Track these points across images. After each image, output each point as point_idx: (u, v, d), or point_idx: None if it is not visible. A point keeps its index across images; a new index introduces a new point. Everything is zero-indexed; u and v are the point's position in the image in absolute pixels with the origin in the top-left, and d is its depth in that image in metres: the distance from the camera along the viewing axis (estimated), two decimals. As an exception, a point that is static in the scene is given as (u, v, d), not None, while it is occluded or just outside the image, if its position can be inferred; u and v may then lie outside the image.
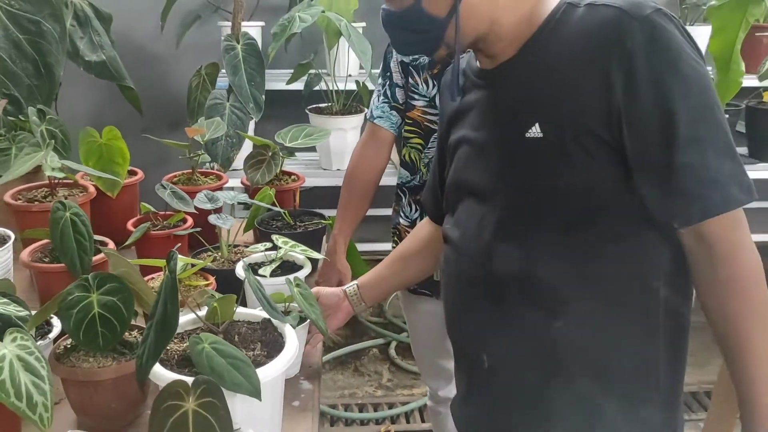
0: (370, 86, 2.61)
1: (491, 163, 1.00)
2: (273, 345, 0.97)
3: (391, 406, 2.48)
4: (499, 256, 0.98)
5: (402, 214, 1.65)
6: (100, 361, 1.07)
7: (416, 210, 1.62)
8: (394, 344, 2.83)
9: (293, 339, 0.98)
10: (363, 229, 1.83)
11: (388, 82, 1.62)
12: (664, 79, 0.84)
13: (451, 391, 1.82)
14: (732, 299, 0.87)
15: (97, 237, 1.41)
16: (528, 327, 0.97)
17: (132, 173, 1.82)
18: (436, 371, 1.81)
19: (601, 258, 0.92)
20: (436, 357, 1.79)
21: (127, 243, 1.49)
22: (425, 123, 1.58)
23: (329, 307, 1.31)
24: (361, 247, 1.83)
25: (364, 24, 2.83)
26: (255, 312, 1.05)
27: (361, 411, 2.46)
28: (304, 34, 2.73)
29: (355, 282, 1.33)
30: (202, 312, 1.02)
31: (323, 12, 2.39)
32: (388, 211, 1.75)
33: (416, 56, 1.56)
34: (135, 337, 1.10)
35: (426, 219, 1.32)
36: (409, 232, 1.65)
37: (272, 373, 0.89)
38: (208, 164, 2.61)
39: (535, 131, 0.92)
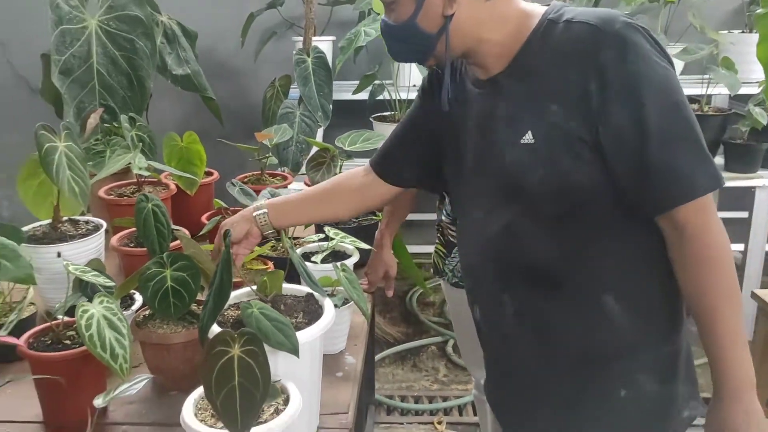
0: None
1: (493, 164, 1.11)
2: (313, 314, 1.12)
3: (445, 399, 2.59)
4: (502, 247, 1.11)
5: (444, 212, 1.78)
6: (172, 329, 1.26)
7: None
8: (451, 342, 2.94)
9: (331, 310, 1.13)
10: (409, 234, 1.97)
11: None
12: (633, 84, 0.95)
13: None
14: (701, 275, 0.97)
15: (174, 226, 1.62)
16: (528, 307, 1.12)
17: (208, 174, 2.04)
18: (477, 360, 1.92)
19: (591, 244, 1.04)
20: (476, 346, 1.90)
21: (201, 233, 1.69)
22: None
23: (239, 239, 1.31)
24: (408, 249, 1.96)
25: (428, 37, 2.98)
26: (300, 287, 1.21)
27: (416, 402, 2.59)
28: (370, 47, 2.90)
29: (264, 206, 1.35)
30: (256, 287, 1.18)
31: (387, 26, 2.56)
32: (434, 216, 1.89)
33: None
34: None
35: (361, 170, 1.41)
36: (451, 228, 1.78)
37: (310, 336, 1.05)
38: (280, 169, 2.82)
39: (528, 138, 1.03)
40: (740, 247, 3.00)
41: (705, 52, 2.74)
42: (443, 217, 1.79)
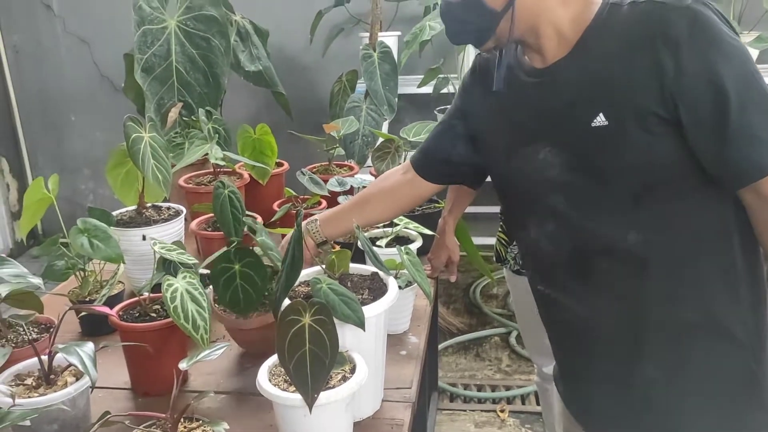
0: (496, 88, 2.78)
1: (555, 154, 1.09)
2: (378, 291, 1.19)
3: (508, 388, 2.62)
4: (579, 236, 1.11)
5: None
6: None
7: None
8: (515, 333, 2.96)
9: (394, 288, 1.19)
10: (472, 226, 2.01)
11: None
12: (708, 56, 0.94)
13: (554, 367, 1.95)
14: None
15: (249, 212, 1.71)
16: (615, 294, 1.11)
17: (279, 164, 2.13)
18: (540, 348, 1.94)
19: (670, 220, 1.04)
20: (540, 334, 1.92)
21: (273, 219, 1.78)
22: None
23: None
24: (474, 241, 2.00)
25: (493, 30, 3.00)
26: (366, 267, 1.28)
27: (479, 391, 2.62)
28: (435, 41, 2.95)
29: (316, 217, 1.44)
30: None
31: (451, 20, 2.60)
32: (496, 209, 1.92)
33: None
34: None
35: (398, 169, 1.45)
36: None
37: (375, 310, 1.11)
38: (347, 161, 2.91)
39: (600, 120, 1.02)
40: None
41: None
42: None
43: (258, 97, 3.41)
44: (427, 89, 2.93)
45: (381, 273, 1.25)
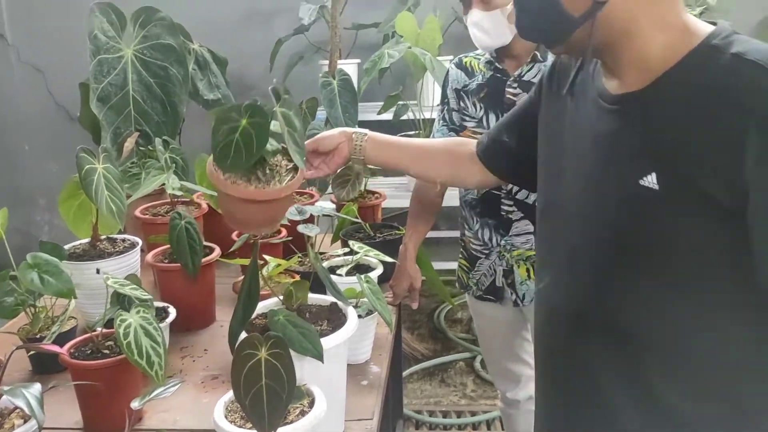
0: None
1: (600, 197, 0.96)
2: (337, 322, 1.17)
3: (473, 414, 2.61)
4: (587, 296, 0.99)
5: (466, 226, 1.82)
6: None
7: (477, 222, 1.79)
8: (479, 358, 2.96)
9: (354, 318, 1.18)
10: (433, 251, 2.02)
11: (446, 107, 1.83)
12: None
13: (518, 393, 1.95)
14: None
15: (207, 243, 1.69)
16: (611, 368, 0.97)
17: (238, 193, 2.11)
18: (504, 374, 1.95)
19: (693, 316, 0.90)
20: (503, 360, 1.93)
21: (231, 249, 1.76)
22: None
23: (328, 153, 1.31)
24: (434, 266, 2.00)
25: (451, 57, 3.04)
26: (325, 297, 1.27)
27: (444, 417, 2.61)
28: (393, 68, 2.97)
29: (366, 132, 1.32)
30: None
31: (409, 48, 2.63)
32: (456, 233, 1.94)
33: (467, 82, 1.77)
34: (277, 163, 1.13)
35: (471, 142, 1.36)
36: (473, 243, 1.82)
37: (334, 342, 1.10)
38: (308, 188, 2.89)
39: (651, 181, 0.87)
40: None
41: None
42: (466, 232, 1.83)
43: (218, 125, 3.38)
44: (387, 116, 2.94)
45: (340, 303, 1.23)
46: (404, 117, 2.92)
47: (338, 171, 1.33)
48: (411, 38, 2.74)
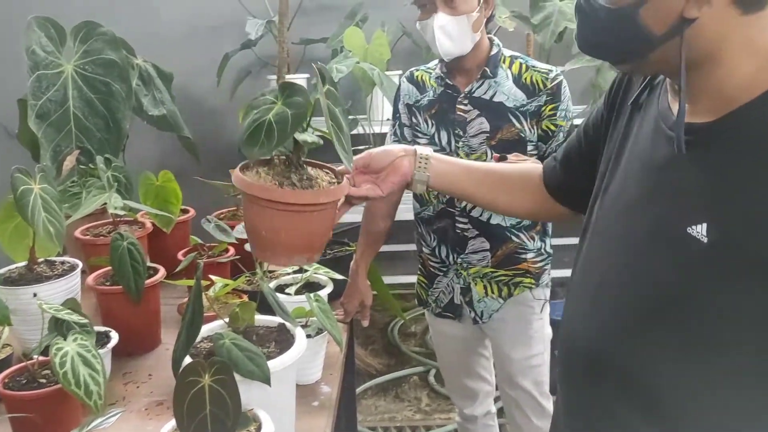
0: (405, 128, 2.81)
1: (634, 232, 0.85)
2: (285, 344, 1.15)
3: (428, 429, 2.60)
4: (605, 334, 0.88)
5: (423, 243, 1.82)
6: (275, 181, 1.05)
7: (434, 239, 1.78)
8: (433, 372, 2.96)
9: (302, 339, 1.15)
10: (389, 265, 2.01)
11: (397, 122, 1.81)
12: None
13: (475, 409, 1.93)
14: None
15: (151, 264, 1.64)
16: (628, 408, 0.86)
17: (184, 211, 2.07)
18: (462, 390, 1.94)
19: (725, 389, 0.79)
20: (461, 377, 1.92)
21: (176, 270, 1.71)
22: None
23: (381, 170, 1.14)
24: (389, 280, 2.00)
25: (400, 71, 3.05)
26: (272, 318, 1.24)
27: (399, 433, 2.59)
28: (342, 83, 2.96)
29: (428, 154, 1.15)
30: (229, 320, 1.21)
31: (358, 63, 2.63)
32: (412, 247, 1.93)
33: (418, 98, 1.76)
34: (316, 175, 1.08)
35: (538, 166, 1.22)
36: (432, 260, 1.80)
37: (281, 364, 1.07)
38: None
39: (700, 232, 0.76)
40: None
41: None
42: (423, 249, 1.82)
43: (164, 142, 3.32)
44: (337, 131, 2.94)
45: (288, 323, 1.21)
46: (354, 131, 2.91)
47: (388, 193, 1.15)
48: (359, 53, 2.73)
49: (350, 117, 2.91)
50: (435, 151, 1.67)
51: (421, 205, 1.79)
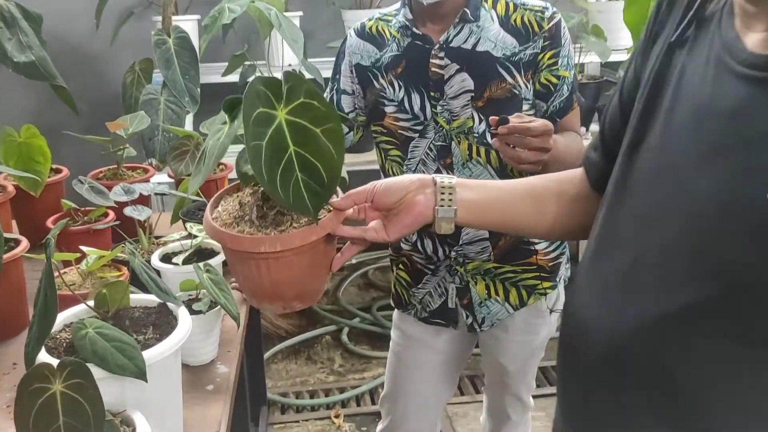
0: (308, 75, 2.61)
1: (689, 197, 0.68)
2: (165, 327, 0.98)
3: (342, 390, 2.50)
4: (633, 326, 0.72)
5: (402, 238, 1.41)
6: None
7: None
8: (346, 330, 2.85)
9: (186, 320, 0.98)
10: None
11: (335, 87, 1.50)
12: None
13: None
14: None
15: (9, 235, 1.41)
16: (652, 417, 0.72)
17: (57, 171, 1.81)
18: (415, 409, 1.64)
19: None
20: (416, 398, 1.63)
21: (43, 241, 1.49)
22: (399, 131, 1.40)
23: (390, 207, 0.91)
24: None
25: (300, 13, 2.83)
26: (151, 297, 1.06)
27: (312, 397, 2.48)
28: (239, 25, 2.72)
29: (453, 183, 0.90)
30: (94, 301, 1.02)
31: (253, 2, 2.39)
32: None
33: (377, 56, 1.42)
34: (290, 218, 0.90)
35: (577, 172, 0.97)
36: (415, 256, 1.49)
37: (158, 354, 0.90)
38: (147, 161, 2.60)
39: None
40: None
41: (575, 20, 2.76)
42: (402, 245, 1.52)
43: (38, 93, 2.97)
44: (233, 77, 2.70)
45: (169, 303, 1.04)
46: (251, 78, 2.68)
47: (397, 240, 0.95)
48: (254, -9, 2.49)
49: (247, 63, 2.67)
50: (408, 121, 1.39)
51: None
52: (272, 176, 0.82)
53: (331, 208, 0.91)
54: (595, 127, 2.95)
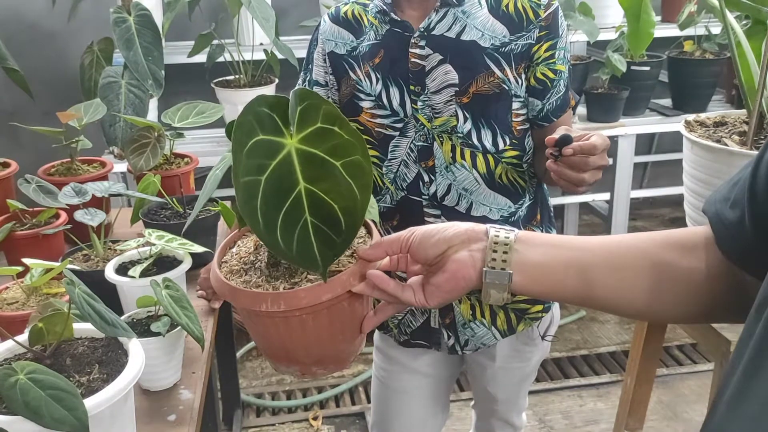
0: (280, 55, 2.45)
1: None
2: (114, 365, 0.84)
3: (320, 390, 2.38)
4: None
5: None
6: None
7: None
8: (324, 324, 2.73)
9: (138, 356, 0.85)
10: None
11: (307, 78, 1.34)
12: None
13: None
14: None
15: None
16: None
17: (5, 165, 1.65)
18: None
19: None
20: (406, 424, 1.51)
21: (-14, 247, 1.34)
22: (377, 129, 1.26)
23: (432, 261, 0.74)
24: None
25: (272, -11, 2.66)
26: (99, 326, 0.92)
27: (288, 398, 2.36)
28: (205, 2, 2.55)
29: (511, 238, 0.72)
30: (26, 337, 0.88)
31: (219, -23, 2.22)
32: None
33: (354, 44, 1.27)
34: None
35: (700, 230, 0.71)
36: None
37: (105, 401, 0.77)
38: (108, 150, 2.44)
39: None
40: (606, 196, 3.00)
41: (563, -2, 2.63)
42: None
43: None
44: (201, 58, 2.53)
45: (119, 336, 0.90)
46: (220, 59, 2.52)
47: (438, 306, 0.77)
48: (222, -34, 2.32)
49: (215, 42, 2.50)
50: (386, 117, 1.24)
51: (375, 194, 1.30)
52: (271, 220, 0.69)
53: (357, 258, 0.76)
54: (582, 111, 2.83)
